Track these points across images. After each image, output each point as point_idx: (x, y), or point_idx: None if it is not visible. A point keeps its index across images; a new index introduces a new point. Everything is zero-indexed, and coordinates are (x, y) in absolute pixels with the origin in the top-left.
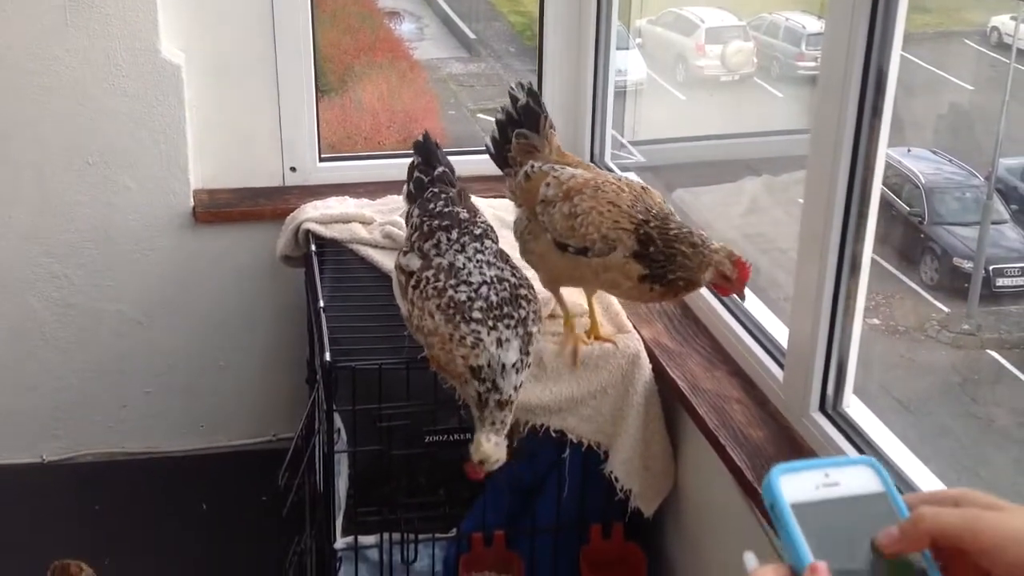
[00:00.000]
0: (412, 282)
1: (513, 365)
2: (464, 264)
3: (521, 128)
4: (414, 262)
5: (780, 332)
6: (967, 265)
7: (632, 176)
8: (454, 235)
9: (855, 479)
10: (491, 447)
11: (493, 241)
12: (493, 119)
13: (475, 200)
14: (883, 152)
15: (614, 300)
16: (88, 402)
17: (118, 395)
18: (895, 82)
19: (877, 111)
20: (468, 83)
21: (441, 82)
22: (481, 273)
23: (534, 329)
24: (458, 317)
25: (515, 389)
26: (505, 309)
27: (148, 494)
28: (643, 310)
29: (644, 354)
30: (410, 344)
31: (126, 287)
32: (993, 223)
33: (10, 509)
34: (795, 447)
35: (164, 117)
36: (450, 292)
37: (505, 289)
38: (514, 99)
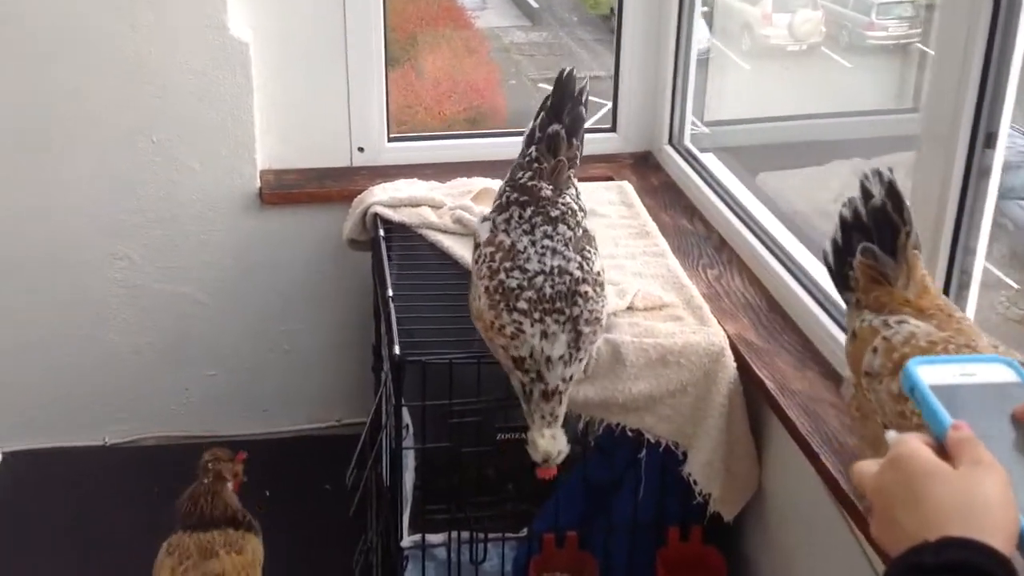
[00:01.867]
0: (475, 255)
1: (560, 357)
2: (526, 248)
3: (870, 242)
4: (484, 232)
5: None
6: None
7: (711, 157)
8: (527, 213)
9: (991, 372)
10: (547, 442)
11: (569, 227)
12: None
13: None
14: (1004, 137)
15: (696, 291)
16: (151, 385)
17: (181, 378)
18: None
19: (1000, 87)
20: (530, 52)
21: (503, 51)
22: (541, 262)
23: (587, 329)
24: (502, 304)
25: (563, 380)
26: (557, 304)
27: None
28: (727, 303)
29: (728, 351)
30: (481, 337)
31: (190, 269)
32: None
33: (72, 492)
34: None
35: (231, 95)
36: (502, 276)
37: (563, 283)
38: (866, 194)
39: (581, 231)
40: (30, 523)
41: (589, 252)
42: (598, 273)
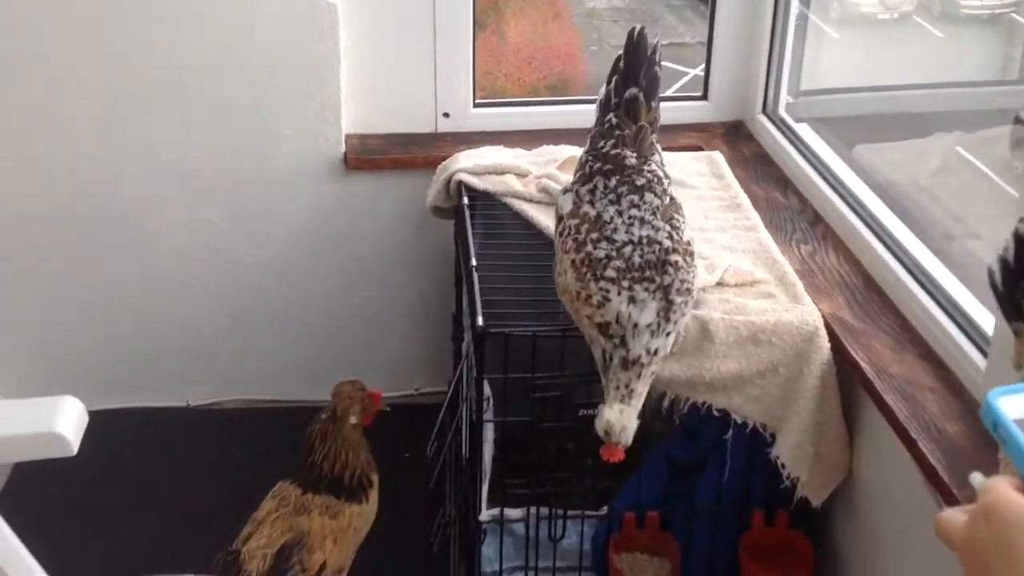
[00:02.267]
0: (559, 228)
1: (648, 326)
2: (612, 218)
3: None
4: (567, 204)
5: (980, 312)
6: None
7: (806, 128)
8: (612, 183)
9: None
10: (614, 414)
11: (656, 196)
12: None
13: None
14: None
15: (789, 268)
16: (232, 348)
17: (262, 342)
18: None
19: None
20: (612, 18)
21: (585, 17)
22: (629, 232)
23: (678, 299)
24: (588, 275)
25: (647, 352)
26: (647, 272)
27: (289, 443)
28: (821, 280)
29: (823, 330)
30: (565, 310)
31: (273, 233)
32: None
33: (155, 452)
34: (997, 446)
35: (318, 59)
36: (588, 247)
37: (653, 252)
38: None
39: (668, 199)
40: (113, 482)
41: (678, 221)
42: (688, 243)
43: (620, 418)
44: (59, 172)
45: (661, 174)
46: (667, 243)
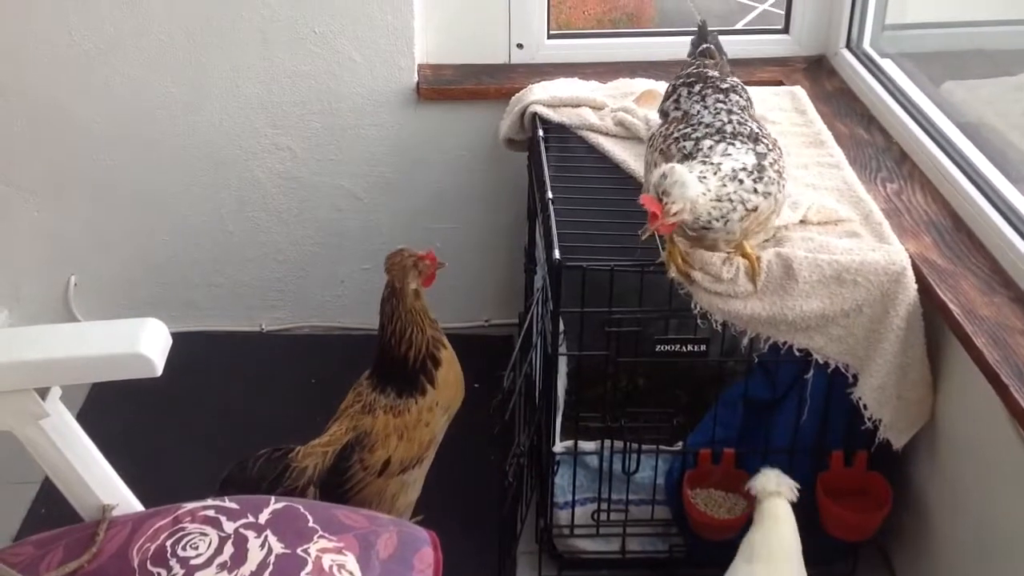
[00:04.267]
0: (649, 144)
1: (744, 167)
2: (699, 111)
3: None
4: (656, 124)
5: None
6: None
7: (890, 63)
8: (696, 88)
9: None
10: (677, 170)
11: (741, 97)
12: None
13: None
14: None
15: (874, 206)
16: (307, 275)
17: (336, 270)
18: None
19: None
20: None
21: None
22: (717, 118)
23: (771, 171)
24: (674, 144)
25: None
26: (739, 138)
27: (361, 370)
28: (908, 220)
29: (909, 271)
30: (643, 245)
31: (348, 162)
32: None
33: (229, 375)
34: None
35: None
36: (676, 135)
37: (744, 129)
38: None
39: (753, 108)
40: (189, 403)
41: (764, 126)
42: (776, 140)
43: (686, 175)
44: (144, 100)
45: (741, 84)
46: (756, 130)
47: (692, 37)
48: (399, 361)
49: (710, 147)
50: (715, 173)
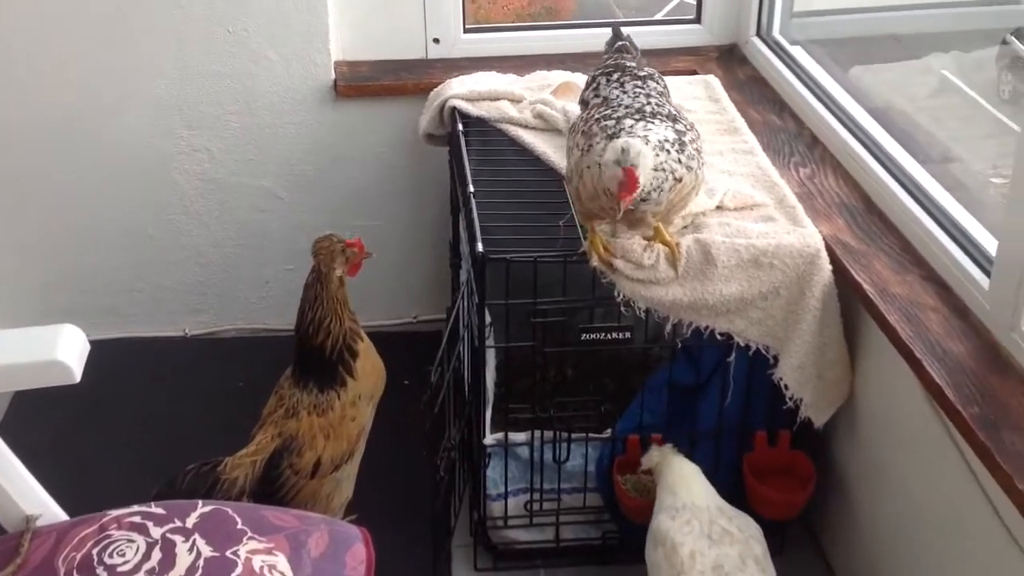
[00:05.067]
0: (571, 131)
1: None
2: (619, 95)
3: None
4: (577, 113)
5: (981, 232)
6: None
7: (800, 51)
8: (615, 76)
9: None
10: (636, 142)
11: (658, 84)
12: None
13: None
14: None
15: (788, 191)
16: (230, 277)
17: (260, 271)
18: None
19: None
20: None
21: None
22: (636, 100)
23: (690, 148)
24: (595, 124)
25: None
26: (658, 117)
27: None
28: (820, 203)
29: (824, 252)
30: (566, 235)
31: (267, 161)
32: None
33: (154, 381)
34: (1002, 364)
35: None
36: (597, 116)
37: (663, 111)
38: None
39: (670, 96)
40: (112, 411)
41: (683, 111)
42: (693, 123)
43: (643, 146)
44: (58, 101)
45: (658, 73)
46: (675, 113)
47: (608, 38)
48: (316, 351)
49: (631, 125)
50: (647, 144)
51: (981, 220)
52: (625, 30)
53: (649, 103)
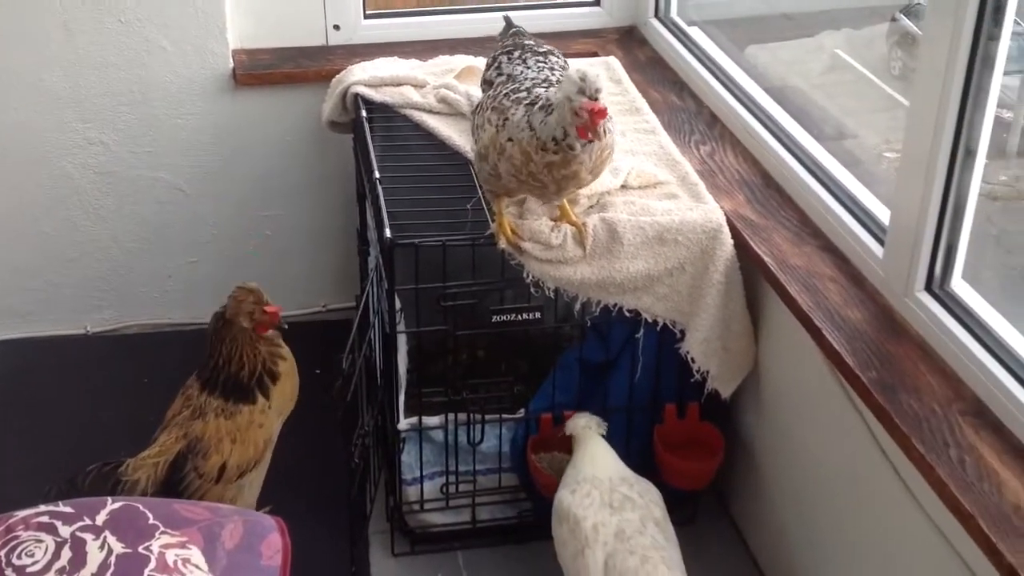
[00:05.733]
0: (476, 110)
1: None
2: (523, 71)
3: None
4: (480, 96)
5: (874, 203)
6: (1007, 115)
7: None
8: (516, 54)
9: None
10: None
11: (559, 58)
12: None
13: None
14: (1014, 2)
15: (690, 168)
16: (132, 273)
17: (162, 265)
18: None
19: None
20: None
21: None
22: (541, 73)
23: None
24: (506, 99)
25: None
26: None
27: (195, 365)
28: (721, 180)
29: (726, 228)
30: (473, 219)
31: (166, 153)
32: None
33: (56, 381)
34: (897, 329)
35: None
36: (506, 92)
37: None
38: None
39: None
40: (14, 413)
41: None
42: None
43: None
44: None
45: (557, 50)
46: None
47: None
48: (232, 376)
49: (542, 93)
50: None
51: (875, 192)
52: (519, 16)
53: (554, 74)
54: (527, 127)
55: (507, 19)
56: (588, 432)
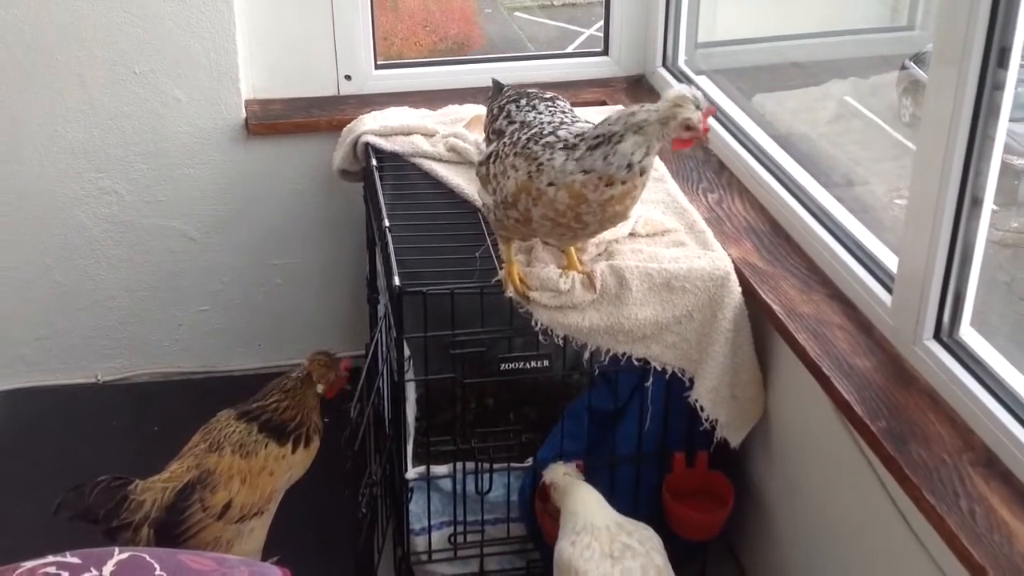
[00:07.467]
0: (492, 159)
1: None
2: (536, 117)
3: None
4: (490, 148)
5: (882, 251)
6: (1018, 162)
7: (705, 80)
8: (523, 102)
9: None
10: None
11: (564, 102)
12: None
13: None
14: (1019, 48)
15: (697, 216)
16: (143, 321)
17: (173, 313)
18: None
19: (1012, 5)
20: None
21: None
22: (554, 117)
23: None
24: (535, 147)
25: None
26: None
27: (206, 414)
28: (729, 227)
29: (733, 275)
30: (482, 267)
31: (178, 203)
32: None
33: (66, 430)
34: (906, 378)
35: (212, 22)
36: (527, 136)
37: (581, 123)
38: None
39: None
40: (24, 462)
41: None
42: None
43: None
44: None
45: (559, 96)
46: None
47: (490, 93)
48: (276, 419)
49: (567, 129)
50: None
51: (884, 240)
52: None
53: (566, 119)
54: (578, 171)
55: (496, 81)
56: (570, 478)
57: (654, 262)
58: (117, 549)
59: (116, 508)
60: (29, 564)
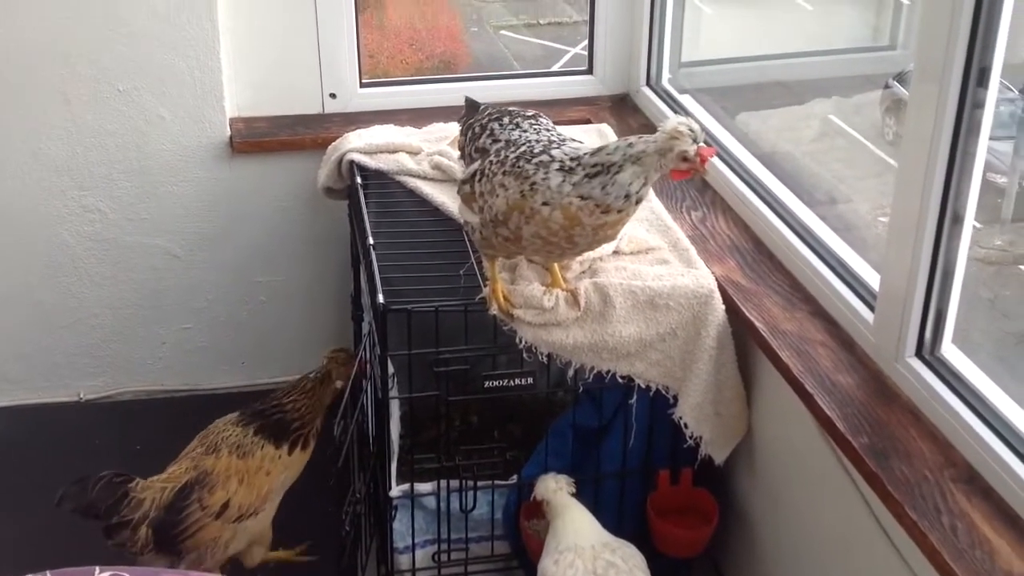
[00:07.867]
0: (477, 177)
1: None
2: (520, 135)
3: None
4: (474, 166)
5: (864, 269)
6: (1001, 180)
7: (689, 99)
8: (506, 120)
9: None
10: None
11: (546, 120)
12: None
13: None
14: (998, 68)
15: (681, 234)
16: (126, 339)
17: (157, 331)
18: None
19: (991, 25)
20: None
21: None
22: (539, 134)
23: None
24: (526, 165)
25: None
26: (570, 143)
27: (190, 432)
28: (713, 245)
29: (717, 293)
30: (466, 285)
31: (162, 220)
32: None
33: (48, 449)
34: (888, 395)
35: (197, 41)
36: (516, 154)
37: (567, 141)
38: None
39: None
40: (5, 480)
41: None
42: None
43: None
44: None
45: (541, 113)
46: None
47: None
48: (281, 419)
49: (560, 149)
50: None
51: (867, 258)
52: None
53: (551, 137)
54: (575, 195)
55: (469, 100)
56: (561, 495)
57: (638, 280)
58: (98, 568)
59: (117, 504)
60: None
